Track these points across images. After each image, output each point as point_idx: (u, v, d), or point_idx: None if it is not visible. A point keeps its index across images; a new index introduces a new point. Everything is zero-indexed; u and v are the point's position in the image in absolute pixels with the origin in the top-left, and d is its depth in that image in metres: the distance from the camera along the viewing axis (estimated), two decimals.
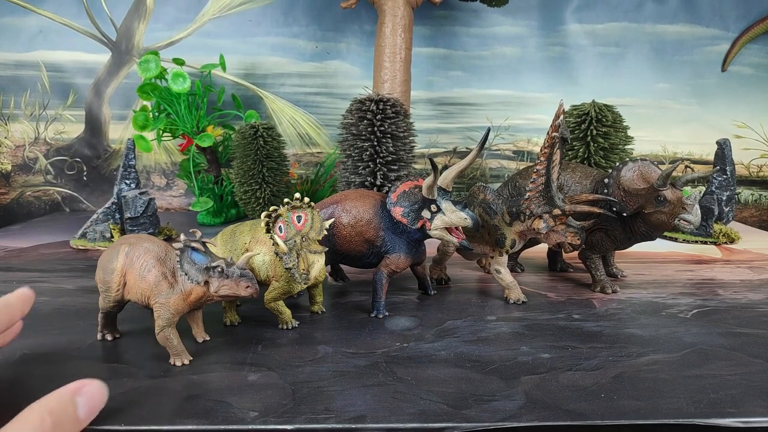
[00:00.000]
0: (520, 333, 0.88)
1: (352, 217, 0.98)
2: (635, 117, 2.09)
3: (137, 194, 1.47)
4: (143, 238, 0.80)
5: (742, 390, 0.69)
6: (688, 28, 2.10)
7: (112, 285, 0.80)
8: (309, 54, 2.06)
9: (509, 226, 1.00)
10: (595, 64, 2.11)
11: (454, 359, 0.78)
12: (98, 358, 0.79)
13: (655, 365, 0.77)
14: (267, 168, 1.55)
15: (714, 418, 0.63)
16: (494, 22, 2.06)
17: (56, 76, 2.02)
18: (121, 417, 0.62)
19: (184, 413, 0.63)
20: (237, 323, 0.91)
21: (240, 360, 0.78)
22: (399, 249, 0.97)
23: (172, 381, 0.71)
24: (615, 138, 1.39)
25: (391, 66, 1.69)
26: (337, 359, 0.78)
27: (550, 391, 0.69)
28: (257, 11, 2.03)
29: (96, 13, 2.00)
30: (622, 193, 1.02)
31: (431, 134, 2.12)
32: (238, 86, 2.05)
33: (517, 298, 1.03)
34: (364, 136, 1.40)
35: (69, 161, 2.08)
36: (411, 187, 0.96)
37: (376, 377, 0.72)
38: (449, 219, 0.91)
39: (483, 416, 0.63)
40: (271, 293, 0.87)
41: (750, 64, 2.12)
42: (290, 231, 0.83)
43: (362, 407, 0.65)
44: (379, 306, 0.96)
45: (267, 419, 0.62)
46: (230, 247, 0.90)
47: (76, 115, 2.06)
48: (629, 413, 0.64)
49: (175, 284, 0.76)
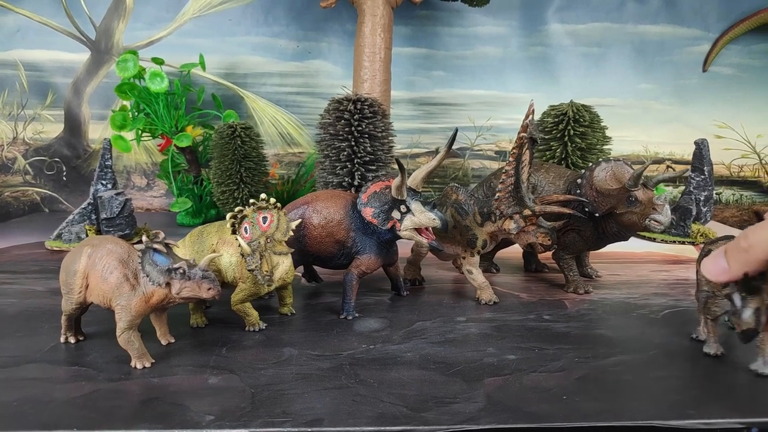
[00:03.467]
0: (488, 334, 0.88)
1: (323, 217, 0.97)
2: (617, 117, 2.11)
3: (113, 195, 1.46)
4: (107, 240, 0.79)
5: (706, 391, 0.69)
6: (670, 28, 2.10)
7: (74, 287, 0.79)
8: (290, 53, 2.05)
9: (481, 227, 1.00)
10: (577, 65, 2.11)
11: (419, 361, 0.78)
12: (58, 361, 0.78)
13: (621, 366, 0.76)
14: (245, 168, 1.53)
15: (674, 419, 0.63)
16: (476, 22, 2.06)
17: (34, 75, 2.00)
18: (74, 421, 0.61)
19: (139, 417, 0.62)
20: (204, 325, 0.90)
21: (203, 363, 0.77)
22: (369, 250, 0.97)
23: (131, 384, 0.71)
24: (592, 138, 1.39)
25: (370, 66, 1.68)
26: (301, 362, 0.77)
27: (512, 393, 0.68)
28: (237, 11, 2.02)
29: (75, 12, 1.98)
30: (594, 194, 1.02)
31: (413, 134, 2.11)
32: (218, 86, 2.03)
33: (488, 299, 1.02)
34: (341, 136, 1.39)
35: (48, 161, 2.06)
36: (382, 188, 0.96)
37: (339, 380, 0.72)
38: (418, 220, 0.91)
39: (442, 419, 0.62)
40: (237, 295, 0.87)
41: (731, 64, 2.13)
42: (255, 232, 0.83)
43: (321, 410, 0.64)
44: (349, 307, 0.95)
45: (222, 423, 0.61)
46: (198, 248, 0.89)
47: (55, 115, 2.04)
48: (590, 415, 0.63)
49: (137, 286, 0.75)
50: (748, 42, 2.12)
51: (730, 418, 0.63)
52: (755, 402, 0.67)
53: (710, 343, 0.80)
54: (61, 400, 0.66)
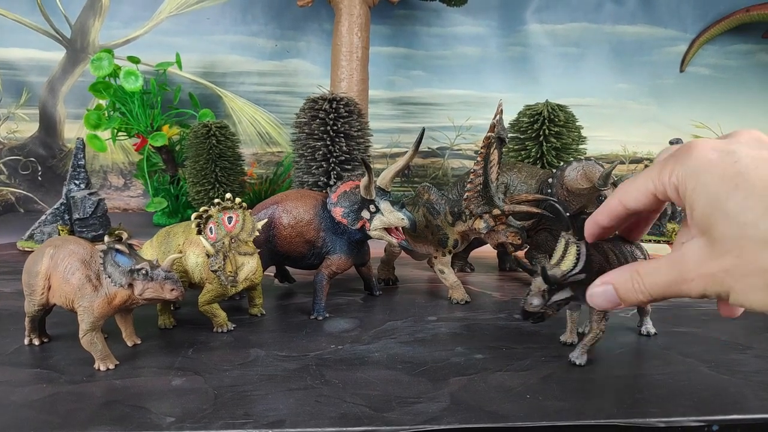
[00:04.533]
0: (458, 333, 0.88)
1: (293, 217, 0.96)
2: (595, 117, 2.12)
3: (86, 194, 1.45)
4: (69, 241, 0.78)
5: (669, 389, 0.70)
6: (647, 29, 2.12)
7: (36, 288, 0.78)
8: (268, 52, 2.04)
9: (452, 227, 1.00)
10: (556, 65, 2.12)
11: (386, 361, 0.77)
12: (21, 363, 0.76)
13: (587, 365, 0.77)
14: (220, 168, 1.52)
15: (635, 417, 0.63)
16: (455, 21, 2.06)
17: (9, 74, 1.98)
18: (30, 424, 0.60)
19: (97, 420, 0.61)
20: (172, 326, 0.89)
21: (168, 364, 0.76)
22: (340, 250, 0.96)
23: (93, 386, 0.70)
24: (567, 137, 1.39)
25: (348, 65, 1.68)
26: (267, 363, 0.77)
27: (476, 392, 0.68)
28: (215, 9, 2.01)
29: (50, 10, 1.95)
30: (565, 193, 1.02)
31: (393, 134, 2.12)
32: (196, 85, 2.02)
33: (461, 298, 1.02)
34: (317, 135, 1.39)
35: (23, 161, 2.04)
36: (352, 188, 0.95)
37: (304, 381, 0.71)
38: (387, 219, 0.91)
39: (404, 419, 0.62)
40: (204, 296, 0.86)
41: (707, 64, 2.15)
42: (220, 232, 0.82)
43: (283, 411, 0.64)
44: (319, 308, 0.95)
45: (183, 425, 0.61)
46: (164, 249, 0.88)
47: (29, 114, 2.01)
48: (551, 414, 0.63)
49: (99, 287, 0.74)
50: (724, 42, 2.14)
51: (691, 416, 0.64)
52: (716, 401, 0.67)
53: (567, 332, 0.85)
54: (19, 403, 0.65)
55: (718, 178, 0.47)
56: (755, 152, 0.47)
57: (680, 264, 0.50)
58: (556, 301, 0.72)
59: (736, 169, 0.46)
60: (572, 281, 0.71)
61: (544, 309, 0.72)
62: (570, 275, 0.70)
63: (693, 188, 0.49)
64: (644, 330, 0.87)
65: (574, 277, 0.70)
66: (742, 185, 0.45)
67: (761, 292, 0.45)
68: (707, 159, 0.48)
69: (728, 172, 0.46)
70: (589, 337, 0.77)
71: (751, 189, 0.45)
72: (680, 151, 0.51)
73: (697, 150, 0.49)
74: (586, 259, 0.69)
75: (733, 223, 0.45)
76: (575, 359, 0.77)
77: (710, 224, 0.47)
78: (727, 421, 0.63)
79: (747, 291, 0.46)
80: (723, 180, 0.46)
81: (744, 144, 0.48)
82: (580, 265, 0.69)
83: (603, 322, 0.76)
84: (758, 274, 0.45)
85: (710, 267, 0.48)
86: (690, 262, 0.49)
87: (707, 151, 0.48)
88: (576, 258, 0.70)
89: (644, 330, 0.87)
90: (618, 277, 0.57)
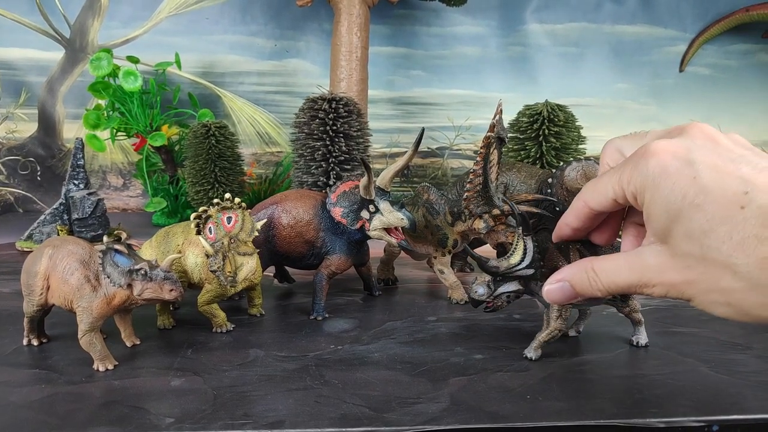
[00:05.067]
0: (457, 334, 0.88)
1: (292, 217, 0.96)
2: (595, 117, 2.12)
3: (86, 194, 1.44)
4: (68, 241, 0.78)
5: (668, 389, 0.70)
6: (647, 28, 2.12)
7: (35, 288, 0.77)
8: (268, 52, 2.04)
9: (451, 227, 1.00)
10: (555, 64, 2.12)
11: (386, 361, 0.77)
12: (20, 363, 0.76)
13: (586, 366, 0.76)
14: (219, 168, 1.52)
15: (635, 418, 0.63)
16: (454, 21, 2.06)
17: (8, 74, 1.98)
18: (29, 425, 0.60)
19: (95, 420, 0.61)
20: (171, 327, 0.89)
21: (167, 364, 0.76)
22: (339, 250, 0.96)
23: (92, 387, 0.69)
24: (567, 137, 1.40)
25: (347, 65, 1.67)
26: (266, 363, 0.76)
27: (476, 392, 0.68)
28: (215, 9, 2.01)
29: (49, 10, 1.95)
30: (565, 193, 1.02)
31: (392, 134, 2.12)
32: (196, 85, 2.02)
33: (460, 298, 1.02)
34: (316, 135, 1.39)
35: (22, 161, 2.04)
36: (351, 188, 0.95)
37: (303, 381, 0.71)
38: (387, 219, 0.91)
39: (404, 419, 0.62)
40: (203, 296, 0.86)
41: (707, 64, 2.15)
42: (219, 232, 0.82)
43: (283, 412, 0.63)
44: (319, 308, 0.95)
45: (182, 425, 0.60)
46: (164, 249, 0.88)
47: (29, 114, 2.01)
48: (551, 415, 0.63)
49: (98, 288, 0.74)
50: (723, 42, 2.14)
51: (691, 416, 0.63)
52: (716, 401, 0.67)
53: None
54: (18, 403, 0.65)
55: (679, 195, 0.47)
56: (712, 160, 0.47)
57: (641, 268, 0.51)
58: (503, 293, 0.76)
59: (697, 186, 0.46)
60: (520, 275, 0.74)
61: (491, 299, 0.76)
62: (516, 269, 0.73)
63: (651, 199, 0.49)
64: (635, 341, 0.84)
65: (522, 272, 0.74)
66: (703, 205, 0.45)
67: (722, 306, 0.47)
68: (665, 170, 0.48)
69: (689, 190, 0.46)
70: (544, 333, 0.78)
71: (712, 211, 0.45)
72: (638, 157, 0.50)
73: (655, 157, 0.48)
74: (539, 257, 0.73)
75: (696, 243, 0.46)
76: (529, 354, 0.78)
77: (672, 239, 0.48)
78: (727, 421, 0.63)
79: (708, 304, 0.48)
80: (684, 198, 0.46)
81: (700, 149, 0.48)
82: (527, 260, 0.73)
83: (559, 320, 0.77)
84: (719, 292, 0.46)
85: (672, 277, 0.49)
86: (651, 269, 0.50)
87: (666, 158, 0.48)
88: (523, 253, 0.73)
89: (635, 341, 0.84)
90: (574, 274, 0.57)
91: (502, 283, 0.76)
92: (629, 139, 0.57)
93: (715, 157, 0.47)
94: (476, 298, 0.77)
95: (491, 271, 0.75)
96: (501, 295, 0.76)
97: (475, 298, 0.77)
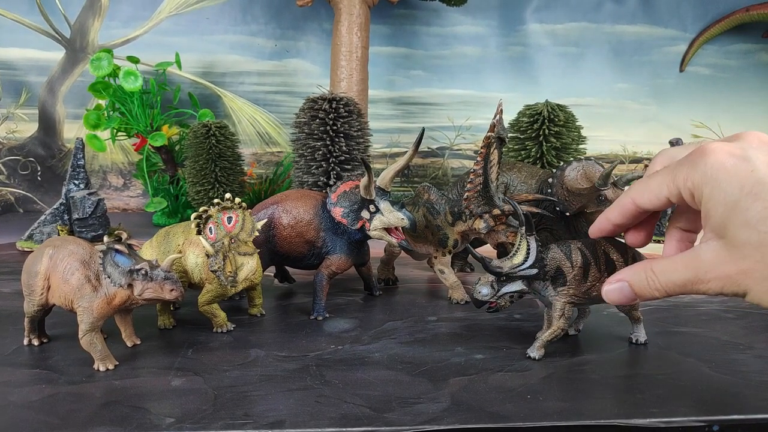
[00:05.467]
0: (458, 333, 0.88)
1: (292, 217, 0.96)
2: (595, 117, 2.12)
3: (86, 195, 1.44)
4: (68, 241, 0.78)
5: (669, 389, 0.70)
6: (647, 28, 2.12)
7: (35, 288, 0.77)
8: (268, 52, 2.04)
9: (452, 226, 1.00)
10: (555, 64, 2.11)
11: (386, 361, 0.77)
12: (20, 363, 0.76)
13: (587, 365, 0.76)
14: (220, 168, 1.52)
15: (635, 418, 0.63)
16: (454, 21, 2.06)
17: (8, 74, 1.97)
18: (29, 425, 0.60)
19: (96, 420, 0.61)
20: (171, 327, 0.89)
21: (167, 364, 0.76)
22: (340, 250, 0.96)
23: (93, 387, 0.70)
24: (567, 137, 1.39)
25: (347, 65, 1.68)
26: (267, 363, 0.77)
27: (476, 392, 0.68)
28: (215, 9, 2.00)
29: (49, 10, 1.95)
30: (565, 193, 1.02)
31: (393, 134, 2.12)
32: (196, 85, 2.02)
33: (460, 298, 1.02)
34: (316, 135, 1.39)
35: (22, 161, 2.03)
36: (351, 188, 0.95)
37: (304, 381, 0.71)
38: (387, 219, 0.91)
39: (404, 419, 0.62)
40: (204, 296, 0.86)
41: (707, 64, 2.15)
42: (220, 232, 0.82)
43: (283, 412, 0.63)
44: (319, 308, 0.95)
45: (182, 425, 0.61)
46: (164, 249, 0.88)
47: (29, 114, 2.01)
48: (552, 415, 0.63)
49: (98, 288, 0.74)
50: (724, 42, 2.14)
51: (692, 416, 0.63)
52: (716, 401, 0.67)
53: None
54: (18, 403, 0.65)
55: (737, 187, 0.49)
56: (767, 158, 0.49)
57: (696, 265, 0.53)
58: (507, 292, 0.76)
59: (755, 178, 0.48)
60: (523, 275, 0.74)
61: (495, 299, 0.76)
62: (519, 269, 0.74)
63: (710, 194, 0.51)
64: (634, 338, 0.84)
65: (525, 272, 0.74)
66: (761, 194, 0.48)
67: None
68: (723, 165, 0.50)
69: (747, 181, 0.48)
70: (547, 332, 0.78)
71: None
72: (695, 156, 0.52)
73: (712, 155, 0.51)
74: (542, 256, 0.74)
75: (753, 230, 0.48)
76: (532, 353, 0.78)
77: (729, 230, 0.50)
78: (728, 421, 0.63)
79: (764, 294, 0.49)
80: (742, 189, 0.48)
81: (756, 149, 0.50)
82: (531, 260, 0.74)
83: (562, 320, 0.77)
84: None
85: (728, 269, 0.50)
86: (707, 264, 0.52)
87: (723, 156, 0.50)
88: (526, 253, 0.74)
89: (634, 338, 0.84)
90: (633, 274, 0.59)
91: (506, 283, 0.76)
92: (682, 148, 0.59)
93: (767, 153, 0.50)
94: (480, 298, 0.77)
95: (495, 272, 0.75)
96: (504, 295, 0.76)
97: (478, 299, 0.77)
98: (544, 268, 0.75)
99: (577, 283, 0.76)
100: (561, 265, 0.75)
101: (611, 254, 0.77)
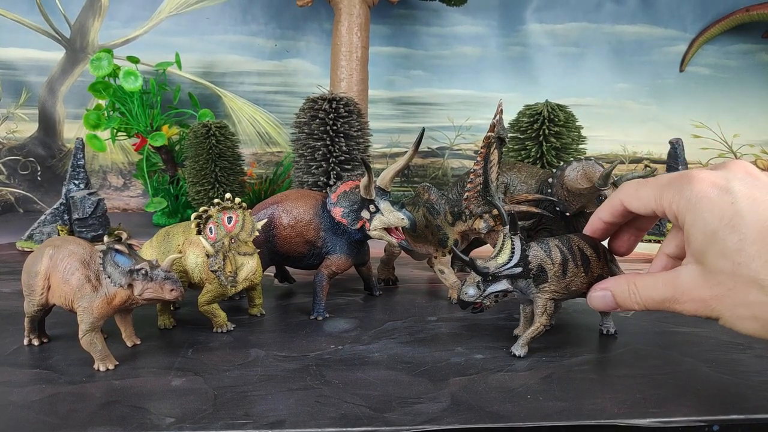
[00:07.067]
0: (458, 333, 0.88)
1: (292, 217, 0.96)
2: (595, 117, 2.12)
3: (86, 195, 1.44)
4: (69, 241, 0.78)
5: (669, 389, 0.70)
6: (647, 28, 2.12)
7: (36, 288, 0.77)
8: (268, 52, 2.04)
9: (451, 226, 1.00)
10: (555, 64, 2.12)
11: (386, 361, 0.77)
12: (20, 363, 0.76)
13: (587, 365, 0.76)
14: (220, 168, 1.52)
15: (635, 418, 0.63)
16: (454, 21, 2.06)
17: (8, 74, 1.98)
18: (29, 425, 0.60)
19: (96, 420, 0.61)
20: (171, 327, 0.89)
21: (167, 364, 0.76)
22: (340, 250, 0.96)
23: (93, 387, 0.69)
24: (567, 137, 1.40)
25: (347, 65, 1.68)
26: (267, 363, 0.76)
27: (477, 392, 0.68)
28: (215, 9, 2.01)
29: (49, 10, 1.95)
30: (565, 193, 1.02)
31: (393, 134, 2.12)
32: (196, 85, 2.02)
33: None
34: (316, 135, 1.39)
35: (22, 161, 2.03)
36: (351, 188, 0.95)
37: (304, 381, 0.71)
38: (387, 219, 0.91)
39: (404, 419, 0.62)
40: (204, 296, 0.86)
41: (707, 64, 2.15)
42: (220, 232, 0.82)
43: (283, 412, 0.63)
44: (319, 308, 0.95)
45: (183, 425, 0.60)
46: (164, 249, 0.88)
47: (29, 114, 2.01)
48: (552, 415, 0.63)
49: (98, 288, 0.74)
50: (724, 42, 2.14)
51: (691, 416, 0.63)
52: (716, 400, 0.67)
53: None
54: (18, 403, 0.65)
55: (717, 217, 0.52)
56: (749, 191, 0.53)
57: (675, 285, 0.57)
58: (492, 292, 0.76)
59: (734, 210, 0.52)
60: (508, 274, 0.75)
61: (480, 300, 0.76)
62: (504, 269, 0.75)
63: (692, 222, 0.55)
64: (605, 329, 0.88)
65: (510, 271, 0.75)
66: (738, 227, 0.51)
67: (748, 321, 0.52)
68: (706, 195, 0.54)
69: (726, 213, 0.52)
70: (531, 329, 0.79)
71: (746, 232, 0.51)
72: (680, 182, 0.56)
73: (698, 184, 0.54)
74: (526, 255, 0.75)
75: (728, 260, 0.52)
76: (516, 351, 0.79)
77: (707, 257, 0.53)
78: (728, 421, 0.63)
79: (735, 318, 0.53)
80: (721, 219, 0.52)
81: (739, 181, 0.54)
82: (515, 259, 0.75)
83: (545, 316, 0.78)
84: (746, 306, 0.52)
85: (703, 293, 0.54)
86: (685, 286, 0.56)
87: (706, 186, 0.54)
88: (511, 252, 0.75)
89: (605, 329, 0.88)
90: (616, 285, 0.64)
91: (492, 283, 0.76)
92: None
93: (752, 188, 0.53)
94: (466, 299, 0.77)
95: (482, 272, 0.75)
96: (490, 295, 0.77)
97: (464, 300, 0.77)
98: (527, 266, 0.76)
99: (557, 279, 0.76)
100: (542, 263, 0.76)
101: (585, 250, 0.78)
